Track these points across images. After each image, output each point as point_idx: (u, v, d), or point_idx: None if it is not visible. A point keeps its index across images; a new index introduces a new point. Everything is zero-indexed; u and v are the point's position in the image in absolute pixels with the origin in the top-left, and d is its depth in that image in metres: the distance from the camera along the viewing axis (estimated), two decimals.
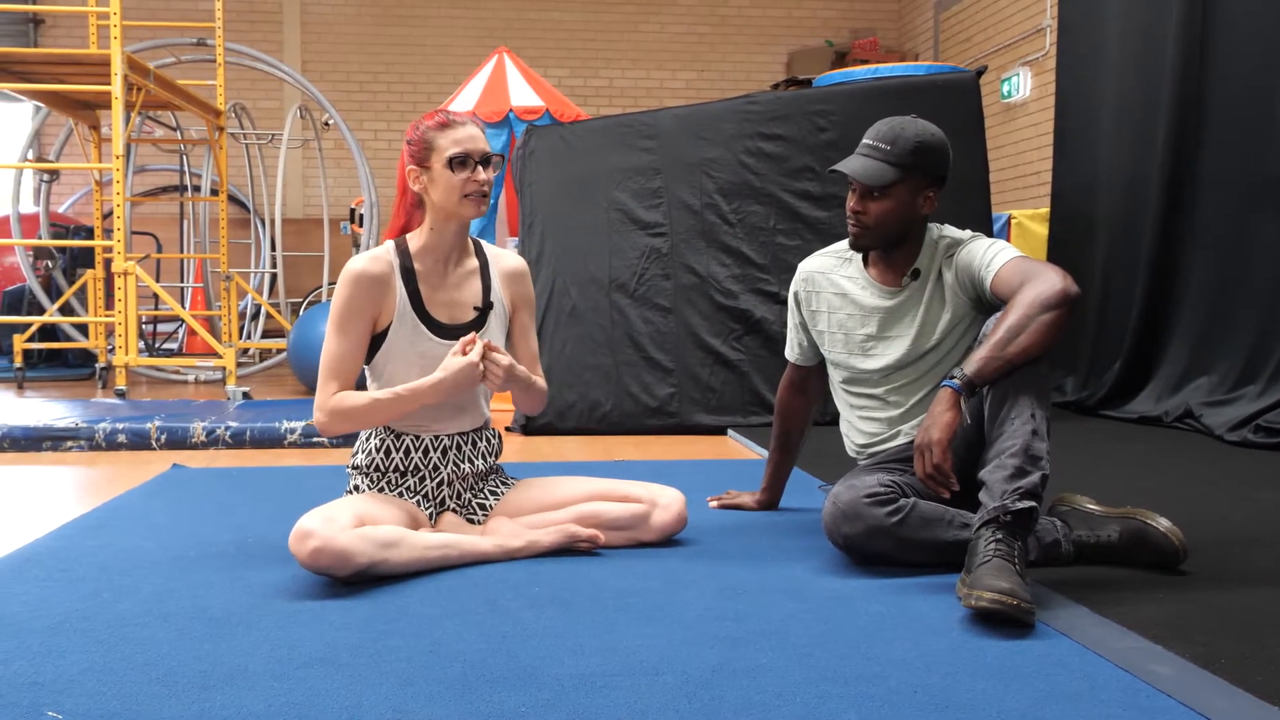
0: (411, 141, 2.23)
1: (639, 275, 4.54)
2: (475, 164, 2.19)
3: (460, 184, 2.18)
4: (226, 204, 7.43)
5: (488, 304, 2.30)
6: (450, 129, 2.20)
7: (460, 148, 2.18)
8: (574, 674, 1.53)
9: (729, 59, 11.28)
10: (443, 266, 2.28)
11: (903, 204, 2.20)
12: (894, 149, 2.18)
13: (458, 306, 2.28)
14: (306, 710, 1.40)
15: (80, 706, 1.41)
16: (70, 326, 7.53)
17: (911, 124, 2.22)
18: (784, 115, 4.58)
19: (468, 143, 2.19)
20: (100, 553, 2.29)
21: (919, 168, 2.19)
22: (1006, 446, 1.92)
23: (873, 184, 2.18)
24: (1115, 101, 5.07)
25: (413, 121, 2.27)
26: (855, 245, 2.29)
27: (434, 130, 2.21)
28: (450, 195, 2.19)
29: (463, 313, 2.28)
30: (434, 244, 2.27)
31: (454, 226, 2.26)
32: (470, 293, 2.29)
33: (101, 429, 3.99)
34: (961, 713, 1.39)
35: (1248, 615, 1.77)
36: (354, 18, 10.87)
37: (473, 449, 2.33)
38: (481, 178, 2.19)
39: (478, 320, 2.29)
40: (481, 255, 2.35)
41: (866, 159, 2.21)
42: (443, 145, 2.19)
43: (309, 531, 1.94)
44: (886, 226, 2.22)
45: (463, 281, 2.30)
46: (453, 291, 2.28)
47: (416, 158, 2.22)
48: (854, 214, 2.24)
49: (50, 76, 6.25)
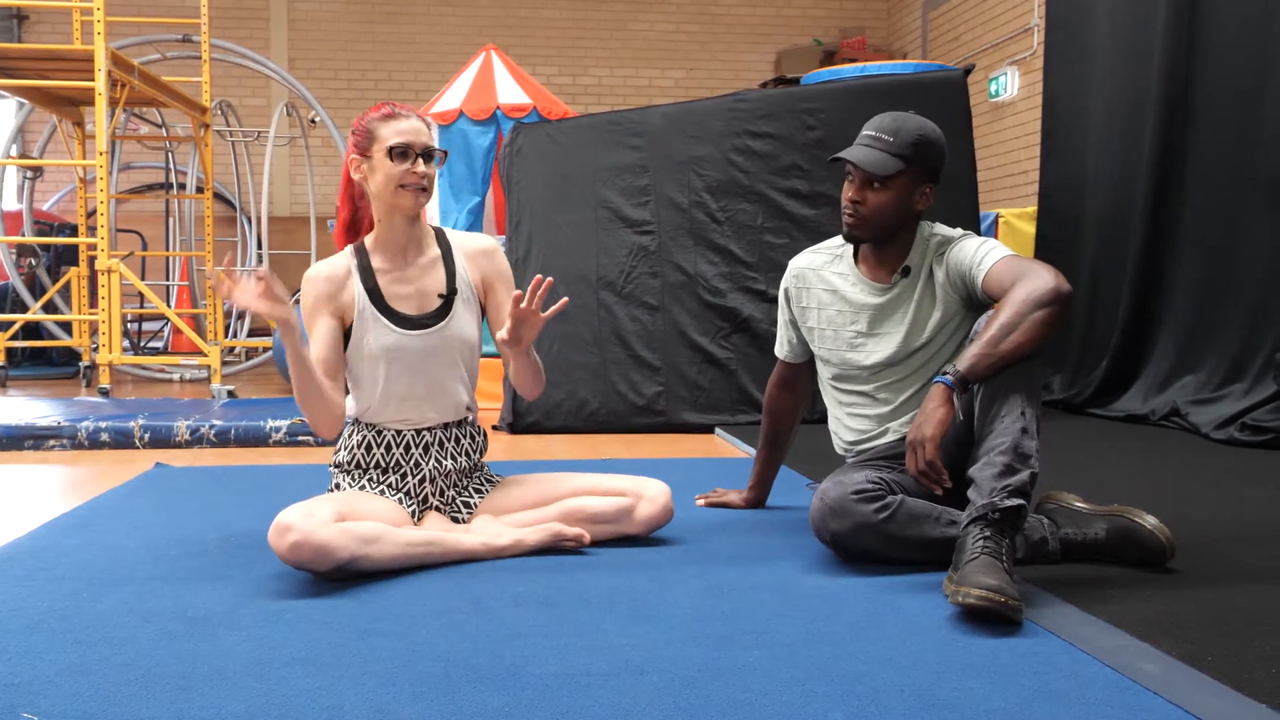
0: (356, 131, 2.24)
1: (627, 273, 4.53)
2: (416, 156, 2.19)
3: (399, 174, 2.18)
4: (212, 202, 7.39)
5: (451, 290, 2.30)
6: (394, 120, 2.20)
7: (402, 138, 2.18)
8: (558, 673, 1.51)
9: (718, 58, 11.28)
10: (401, 259, 2.28)
11: (901, 197, 2.20)
12: (896, 140, 2.18)
13: (424, 296, 2.27)
14: (286, 710, 1.38)
15: (57, 707, 1.39)
16: (54, 324, 7.48)
17: (912, 118, 2.22)
18: (773, 113, 4.57)
19: (409, 134, 2.19)
20: (81, 552, 2.27)
21: (920, 160, 2.19)
22: (996, 444, 1.91)
23: (876, 173, 2.17)
24: (1103, 101, 5.08)
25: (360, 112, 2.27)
26: (849, 237, 2.29)
27: (378, 120, 2.21)
28: (388, 185, 2.19)
29: (430, 302, 2.28)
30: (385, 237, 2.28)
31: (400, 219, 2.25)
32: (434, 281, 2.29)
33: (84, 428, 3.96)
34: (948, 711, 1.38)
35: (1235, 613, 1.77)
36: (341, 15, 10.83)
37: (455, 445, 2.31)
38: (420, 170, 2.19)
39: (443, 308, 2.28)
40: (444, 243, 2.35)
41: (869, 149, 2.20)
42: (384, 135, 2.19)
43: (288, 525, 1.93)
44: (883, 218, 2.22)
45: (425, 272, 2.29)
46: (416, 282, 2.28)
47: (359, 147, 2.23)
48: (851, 204, 2.23)
49: (34, 72, 6.20)
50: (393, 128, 2.19)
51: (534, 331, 2.15)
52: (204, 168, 7.23)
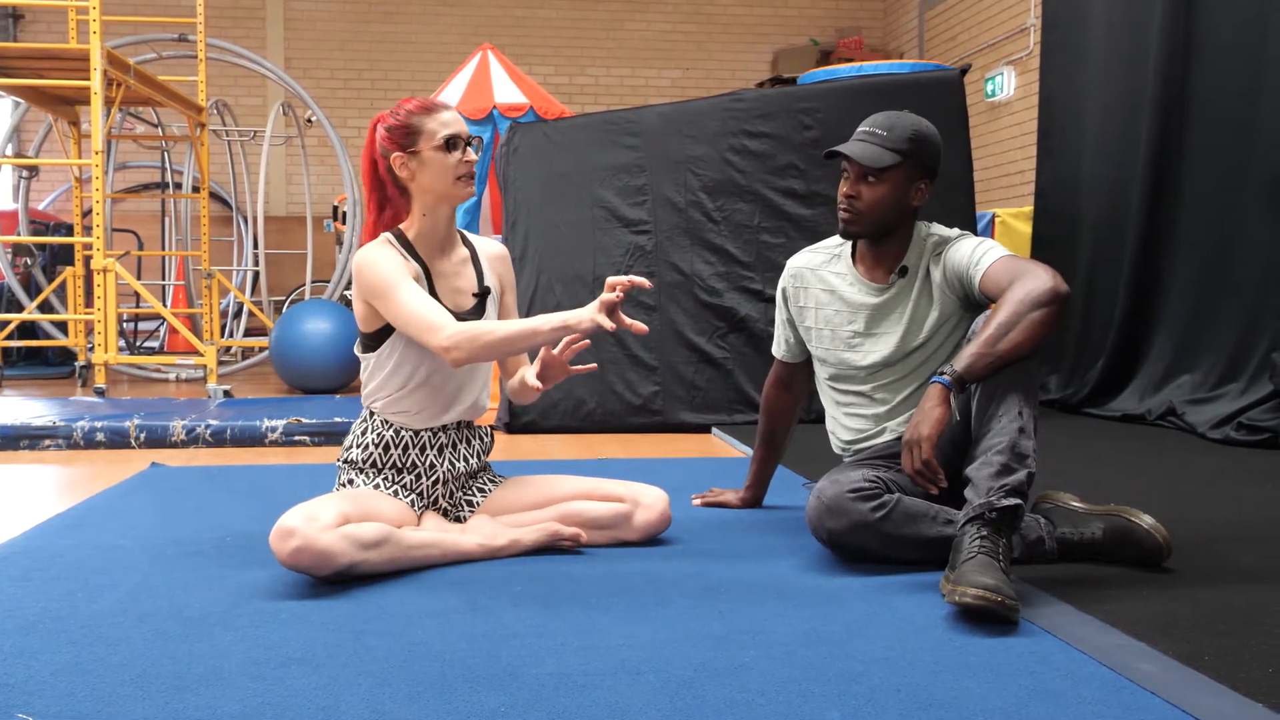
0: (393, 129, 2.20)
1: (623, 273, 4.52)
2: (465, 145, 2.20)
3: (454, 165, 2.18)
4: (208, 201, 7.38)
5: (484, 289, 2.30)
6: (436, 112, 2.20)
7: (450, 129, 2.19)
8: (555, 673, 1.51)
9: (715, 57, 11.27)
10: (440, 254, 2.27)
11: (896, 192, 2.21)
12: (891, 135, 2.20)
13: (459, 294, 2.27)
14: (282, 711, 1.38)
15: (52, 708, 1.39)
16: (50, 324, 7.46)
17: (907, 115, 2.25)
18: (769, 113, 4.57)
19: (455, 125, 2.20)
20: (76, 552, 2.26)
21: (915, 155, 2.20)
22: (993, 444, 1.91)
23: (871, 165, 2.18)
24: (1099, 101, 5.08)
25: (383, 111, 2.26)
26: (845, 233, 2.29)
27: (419, 115, 2.19)
28: (444, 177, 2.18)
29: (464, 299, 2.27)
30: (429, 231, 2.25)
31: (446, 211, 2.25)
32: (467, 279, 2.29)
33: (80, 427, 3.95)
34: (945, 710, 1.38)
35: (1231, 612, 1.77)
36: (338, 14, 10.82)
37: (467, 447, 2.32)
38: (471, 158, 2.20)
39: (478, 306, 2.28)
40: (468, 243, 2.36)
41: (865, 143, 2.22)
42: (432, 128, 2.18)
43: (291, 530, 1.92)
44: (879, 213, 2.22)
45: (459, 269, 2.29)
46: (452, 279, 2.27)
47: (402, 145, 2.19)
48: (847, 199, 2.24)
49: (29, 71, 6.19)
50: (438, 120, 2.19)
51: (557, 380, 2.25)
52: (200, 167, 7.21)
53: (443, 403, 2.25)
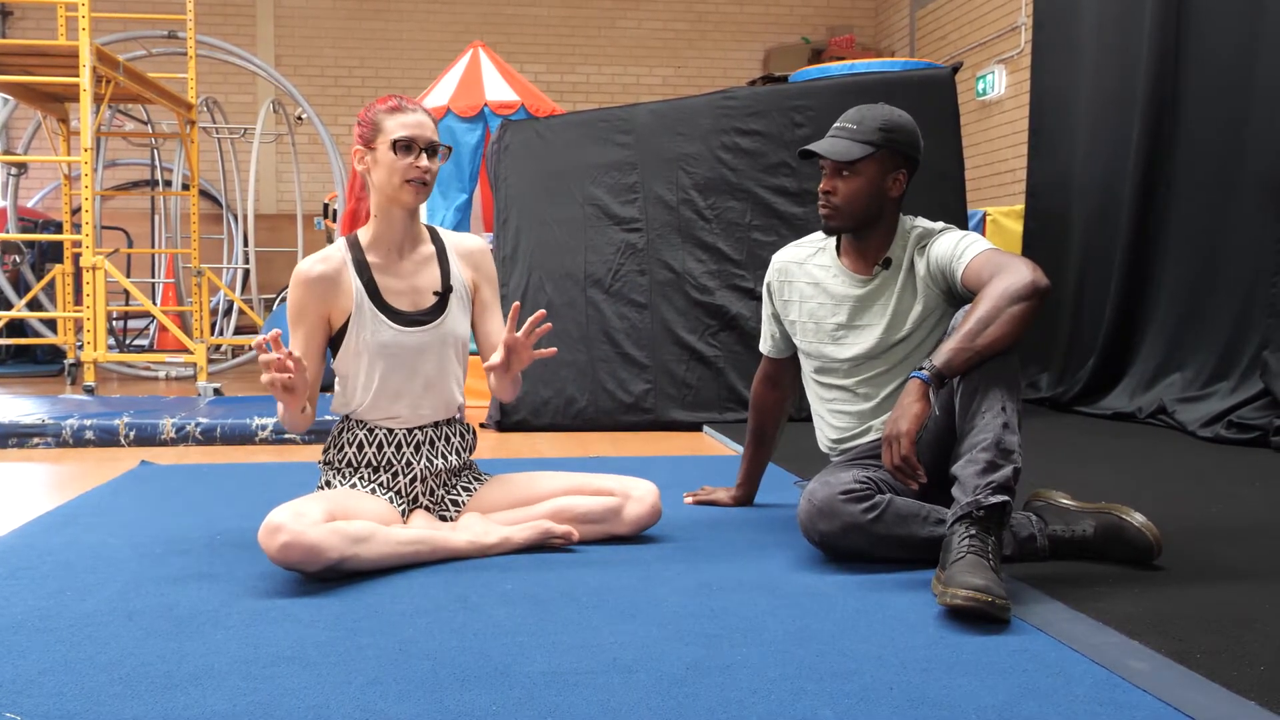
0: (361, 122, 2.24)
1: (615, 271, 4.52)
2: (420, 150, 2.18)
3: (402, 168, 2.17)
4: (198, 199, 7.35)
5: (447, 288, 2.29)
6: (400, 113, 2.20)
7: (406, 131, 2.17)
8: (546, 672, 1.51)
9: (706, 55, 11.27)
10: (396, 255, 2.27)
11: (872, 183, 2.22)
12: (861, 128, 2.22)
13: (418, 293, 2.27)
14: (272, 710, 1.37)
15: (40, 707, 1.38)
16: (39, 322, 7.43)
17: (880, 107, 2.27)
18: (761, 111, 4.57)
19: (414, 128, 2.19)
20: (64, 550, 2.25)
21: (887, 145, 2.21)
22: (978, 441, 1.91)
23: (840, 159, 2.20)
24: (1090, 99, 5.09)
25: (366, 104, 2.26)
26: (827, 229, 2.31)
27: (384, 113, 2.21)
28: (391, 178, 2.19)
29: (424, 299, 2.28)
30: (383, 233, 2.26)
31: (399, 214, 2.25)
32: (429, 279, 2.29)
33: (69, 425, 3.94)
34: (937, 709, 1.37)
35: (1222, 610, 1.77)
36: (328, 11, 10.79)
37: (445, 444, 2.31)
38: (423, 164, 2.18)
39: (438, 305, 2.27)
40: (437, 240, 2.35)
41: (835, 139, 2.25)
42: (390, 128, 2.18)
43: (278, 525, 1.91)
44: (856, 206, 2.23)
45: (419, 268, 2.29)
46: (411, 279, 2.27)
47: (364, 138, 2.22)
48: (824, 194, 2.26)
49: (17, 68, 6.16)
50: (398, 120, 2.18)
51: (523, 364, 2.17)
52: (190, 164, 7.18)
53: (409, 402, 2.26)
